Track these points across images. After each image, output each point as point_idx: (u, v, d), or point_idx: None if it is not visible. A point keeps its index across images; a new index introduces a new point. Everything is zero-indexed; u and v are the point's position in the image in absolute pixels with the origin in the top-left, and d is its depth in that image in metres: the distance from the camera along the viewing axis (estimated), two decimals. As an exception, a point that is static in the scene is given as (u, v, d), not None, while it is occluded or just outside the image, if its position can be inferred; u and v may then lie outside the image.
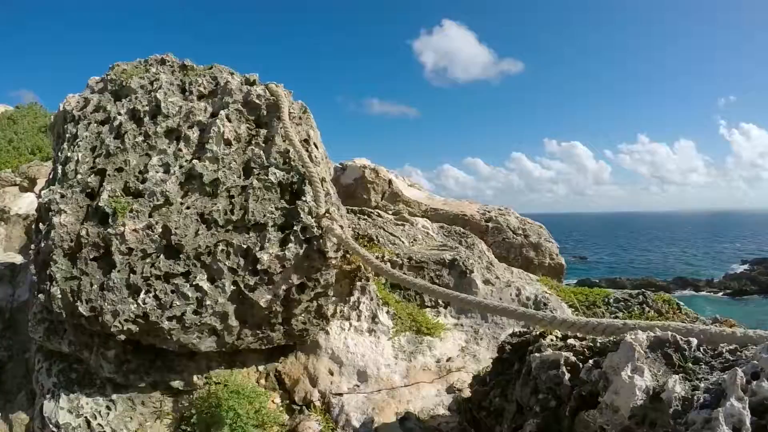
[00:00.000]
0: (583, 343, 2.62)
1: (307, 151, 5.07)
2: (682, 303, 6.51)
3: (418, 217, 9.00)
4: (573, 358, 2.53)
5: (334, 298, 5.25)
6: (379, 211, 7.57)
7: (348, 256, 6.26)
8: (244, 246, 4.56)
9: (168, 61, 5.83)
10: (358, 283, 5.49)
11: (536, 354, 2.71)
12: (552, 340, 2.87)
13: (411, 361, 5.07)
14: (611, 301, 6.26)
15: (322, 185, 4.87)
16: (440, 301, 5.93)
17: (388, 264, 6.00)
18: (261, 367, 4.99)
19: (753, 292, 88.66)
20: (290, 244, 4.57)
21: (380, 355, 5.05)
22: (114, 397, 4.62)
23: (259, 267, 4.50)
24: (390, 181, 9.66)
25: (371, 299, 5.46)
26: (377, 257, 6.14)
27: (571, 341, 2.70)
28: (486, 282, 6.17)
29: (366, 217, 7.21)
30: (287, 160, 4.96)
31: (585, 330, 2.61)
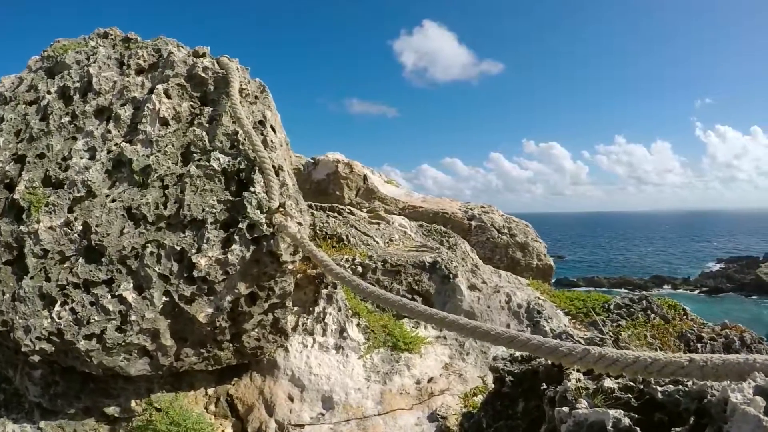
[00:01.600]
0: (631, 390, 1.77)
1: (261, 134, 4.25)
2: (688, 308, 5.79)
3: (395, 215, 8.24)
4: (627, 422, 1.66)
5: (295, 308, 4.48)
6: (352, 209, 6.78)
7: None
8: (178, 247, 3.74)
9: (111, 35, 5.02)
10: (324, 291, 4.72)
11: (564, 409, 1.82)
12: (579, 380, 2.03)
13: (386, 383, 4.28)
14: (612, 307, 5.52)
15: (277, 174, 4.04)
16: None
17: (359, 269, 5.22)
18: (211, 390, 4.24)
19: (729, 289, 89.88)
20: (234, 246, 3.74)
21: (349, 377, 4.25)
22: (42, 424, 3.86)
23: (196, 274, 3.67)
24: (365, 177, 8.90)
25: (339, 310, 4.68)
26: (347, 260, 5.35)
27: (609, 383, 1.85)
28: (472, 287, 5.41)
29: (336, 214, 6.40)
30: (235, 143, 4.13)
31: (661, 372, 1.71)
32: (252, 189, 3.92)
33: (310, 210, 6.30)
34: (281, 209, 3.80)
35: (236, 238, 3.75)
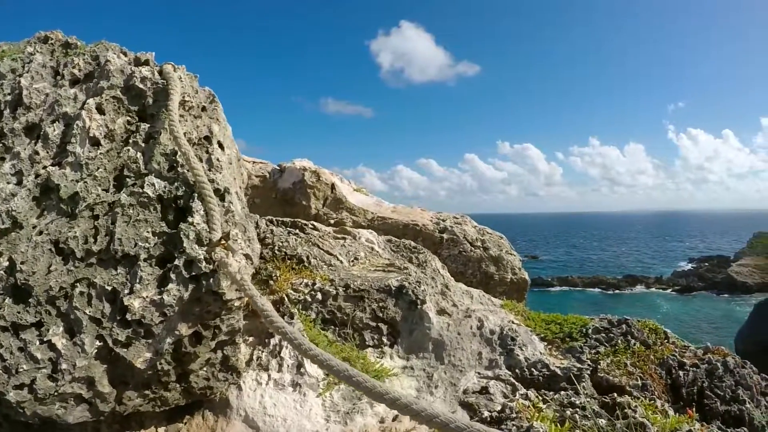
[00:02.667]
0: None
1: (206, 152, 3.82)
2: (669, 330, 5.49)
3: (363, 227, 7.85)
4: None
5: (250, 339, 4.11)
6: (315, 223, 6.38)
7: (272, 283, 5.07)
8: (110, 287, 3.30)
9: (51, 39, 4.56)
10: (280, 322, 4.33)
11: None
12: None
13: (347, 423, 3.90)
14: (590, 331, 5.18)
15: (222, 198, 3.62)
16: (384, 336, 4.80)
17: (318, 295, 4.82)
18: (161, 430, 3.83)
19: (700, 288, 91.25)
20: (171, 285, 3.31)
21: (307, 419, 3.87)
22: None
23: (129, 317, 3.25)
24: (333, 186, 8.50)
25: (297, 342, 4.28)
26: (307, 284, 4.97)
27: None
28: (441, 312, 5.04)
29: (298, 231, 5.98)
30: (174, 165, 3.69)
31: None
32: (190, 219, 3.48)
33: (270, 227, 5.90)
34: (223, 242, 3.36)
35: (173, 276, 3.33)
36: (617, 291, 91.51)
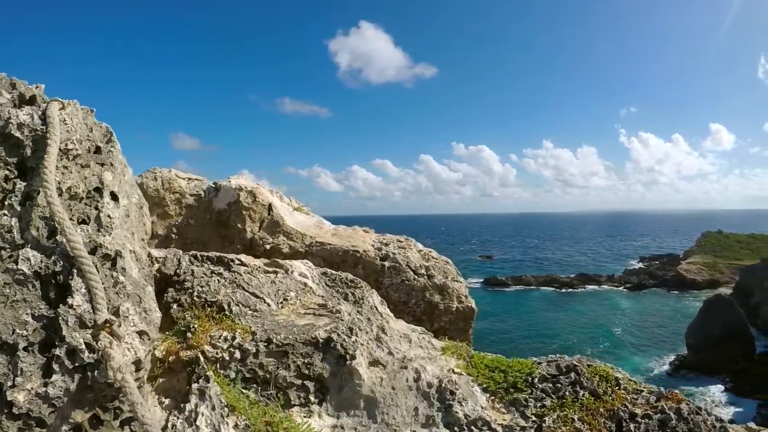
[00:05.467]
0: None
1: (95, 208, 3.29)
2: (621, 375, 5.15)
3: (300, 253, 7.39)
4: None
5: (166, 402, 3.74)
6: (243, 258, 5.86)
7: (189, 336, 4.58)
8: (-9, 379, 2.77)
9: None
10: (195, 386, 3.88)
11: None
12: None
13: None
14: (536, 380, 4.81)
15: (113, 264, 3.11)
16: (311, 394, 4.35)
17: (237, 354, 4.33)
18: None
19: (651, 285, 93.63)
20: (55, 376, 2.82)
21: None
22: None
23: (16, 411, 2.75)
24: (270, 207, 8.03)
25: (213, 408, 3.82)
26: (226, 339, 4.49)
27: None
28: (375, 363, 4.63)
29: (222, 269, 5.45)
30: (56, 230, 3.14)
31: None
32: (70, 300, 2.97)
33: (191, 266, 5.40)
34: (108, 324, 2.85)
35: (56, 366, 2.84)
36: (570, 289, 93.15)
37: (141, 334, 3.12)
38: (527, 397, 4.71)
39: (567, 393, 4.74)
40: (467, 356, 5.37)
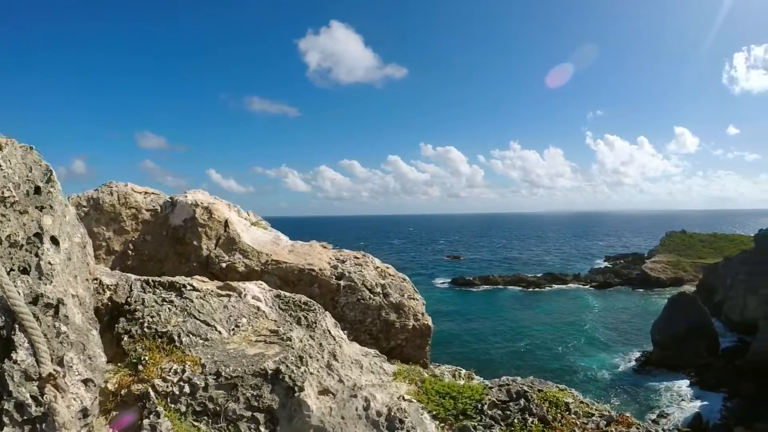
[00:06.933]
0: None
1: (35, 255, 3.29)
2: (571, 399, 5.24)
3: (255, 272, 7.39)
4: None
5: None
6: (195, 282, 5.84)
7: (140, 368, 4.57)
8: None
9: None
10: (146, 421, 3.88)
11: None
12: None
13: None
14: (485, 407, 4.89)
15: (56, 313, 3.11)
16: (262, 425, 4.37)
17: (186, 388, 4.33)
18: None
19: (616, 283, 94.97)
20: (6, 429, 2.81)
21: None
22: None
23: None
24: (226, 223, 8.01)
25: (163, 444, 3.83)
26: (176, 371, 4.49)
27: None
28: (324, 392, 4.67)
29: (175, 294, 5.43)
30: None
31: None
32: (14, 356, 2.96)
33: (142, 295, 5.37)
34: (52, 378, 2.85)
35: (6, 420, 2.83)
36: (538, 289, 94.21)
37: (86, 382, 3.12)
38: (476, 424, 4.78)
39: (516, 420, 4.82)
40: (419, 381, 5.43)
